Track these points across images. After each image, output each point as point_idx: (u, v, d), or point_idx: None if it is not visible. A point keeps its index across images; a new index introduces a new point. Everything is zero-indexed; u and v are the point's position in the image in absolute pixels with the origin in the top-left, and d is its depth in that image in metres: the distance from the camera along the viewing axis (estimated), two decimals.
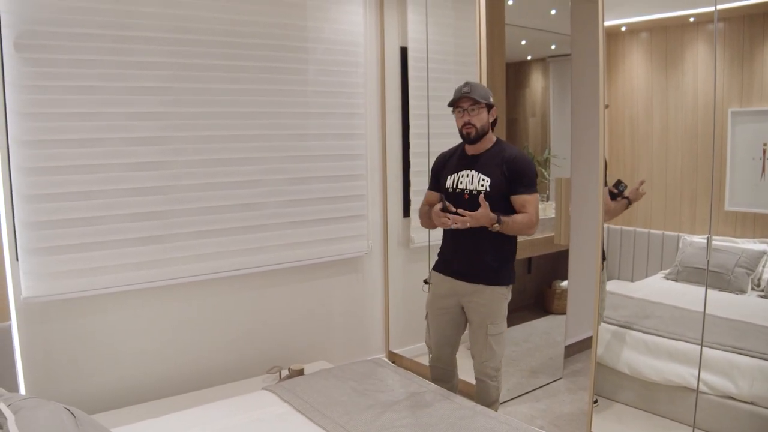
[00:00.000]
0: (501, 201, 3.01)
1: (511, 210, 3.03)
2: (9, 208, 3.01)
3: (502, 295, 3.14)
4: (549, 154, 4.66)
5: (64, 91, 3.12)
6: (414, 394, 2.90)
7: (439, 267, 3.31)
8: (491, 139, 3.14)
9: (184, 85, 3.48)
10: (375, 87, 4.41)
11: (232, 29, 3.63)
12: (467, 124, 3.04)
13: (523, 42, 4.52)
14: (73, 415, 2.20)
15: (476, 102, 3.01)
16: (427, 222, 3.28)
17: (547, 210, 4.61)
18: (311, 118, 4.00)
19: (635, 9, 3.56)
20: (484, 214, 2.88)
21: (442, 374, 3.40)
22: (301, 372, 3.49)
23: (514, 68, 4.42)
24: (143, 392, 3.48)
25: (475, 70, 3.63)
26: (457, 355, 3.43)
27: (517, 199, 3.02)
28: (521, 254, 4.48)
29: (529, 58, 4.71)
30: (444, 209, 2.97)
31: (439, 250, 3.34)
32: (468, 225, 2.90)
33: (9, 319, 2.89)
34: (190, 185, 3.53)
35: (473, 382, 3.34)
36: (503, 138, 3.98)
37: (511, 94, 4.23)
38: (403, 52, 4.44)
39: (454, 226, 2.93)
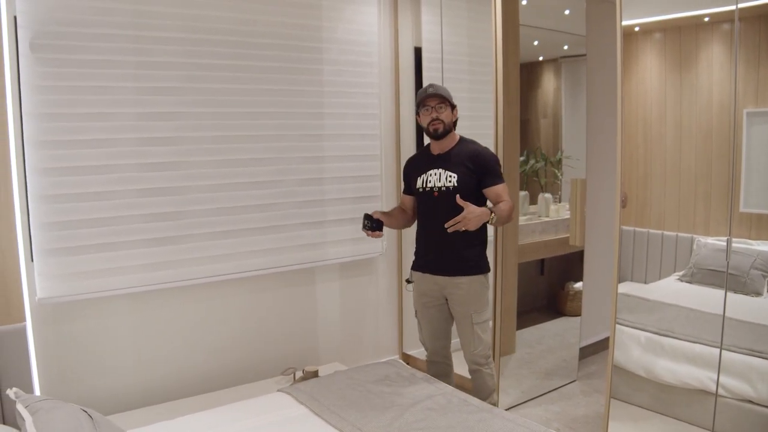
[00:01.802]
0: (469, 196, 3.12)
1: (479, 203, 3.16)
2: (24, 209, 3.01)
3: (481, 283, 3.27)
4: (561, 155, 4.64)
5: (79, 91, 3.12)
6: (430, 396, 2.88)
7: (417, 265, 3.43)
8: (454, 137, 3.31)
9: (198, 85, 3.47)
10: (389, 87, 4.40)
11: (246, 29, 3.62)
12: (435, 120, 3.22)
13: (536, 42, 4.51)
14: (90, 416, 2.20)
15: (442, 99, 3.22)
16: (395, 224, 3.51)
17: (560, 211, 4.61)
18: (325, 119, 3.99)
19: (651, 9, 3.54)
20: (478, 213, 2.99)
21: (440, 369, 3.50)
22: (315, 374, 3.48)
23: (527, 69, 4.40)
24: (157, 393, 3.48)
25: (490, 71, 3.62)
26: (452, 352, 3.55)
27: (491, 191, 3.17)
28: (533, 256, 4.52)
29: (541, 58, 4.71)
30: (368, 226, 3.23)
31: (414, 249, 3.47)
32: (470, 226, 2.99)
33: (24, 320, 2.88)
34: (204, 186, 3.53)
35: (468, 376, 3.44)
36: (517, 140, 3.99)
37: (524, 95, 4.22)
38: (417, 52, 4.43)
39: (459, 228, 3.00)
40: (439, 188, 3.22)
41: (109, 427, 2.21)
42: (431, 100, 3.23)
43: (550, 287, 4.99)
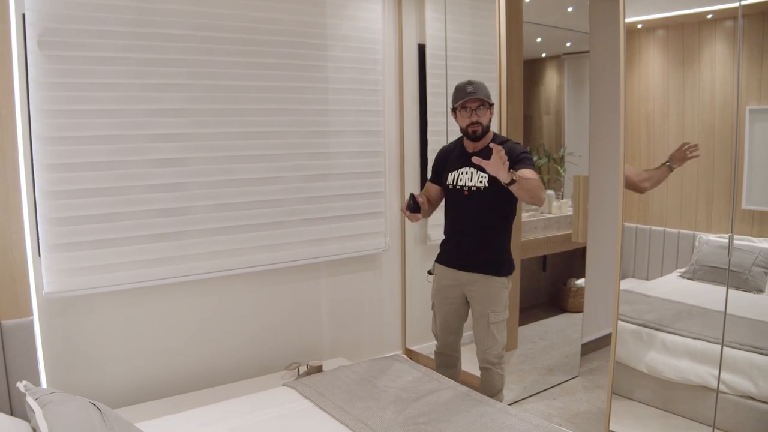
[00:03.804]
0: (499, 195, 3.11)
1: (509, 205, 3.20)
2: (32, 204, 3.04)
3: (503, 284, 3.25)
4: (564, 151, 4.65)
5: (86, 88, 3.14)
6: (434, 391, 2.90)
7: (442, 259, 3.44)
8: (489, 135, 3.26)
9: (204, 81, 3.49)
10: (393, 84, 4.41)
11: (251, 26, 3.63)
12: (475, 123, 3.15)
13: (539, 39, 4.50)
14: (99, 410, 2.22)
15: (483, 102, 3.14)
16: (425, 212, 3.35)
17: (563, 207, 4.62)
18: (330, 115, 4.00)
19: (654, 6, 3.53)
20: (501, 165, 2.73)
21: (447, 360, 3.55)
22: (319, 368, 3.51)
23: (529, 66, 4.41)
24: (163, 388, 3.51)
25: (494, 68, 3.63)
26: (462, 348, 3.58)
27: (518, 174, 2.97)
28: (536, 252, 4.53)
29: (543, 55, 4.71)
30: (412, 207, 3.13)
31: (441, 243, 3.47)
32: (494, 167, 2.76)
33: (31, 314, 2.89)
34: (209, 182, 3.55)
35: (477, 374, 3.46)
36: (520, 137, 4.00)
37: (526, 92, 4.23)
38: (421, 49, 4.43)
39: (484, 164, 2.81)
40: (470, 188, 3.20)
41: (117, 421, 2.23)
42: (472, 101, 3.14)
43: (552, 284, 5.01)
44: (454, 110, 3.24)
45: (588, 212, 4.10)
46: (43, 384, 3.03)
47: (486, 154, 3.05)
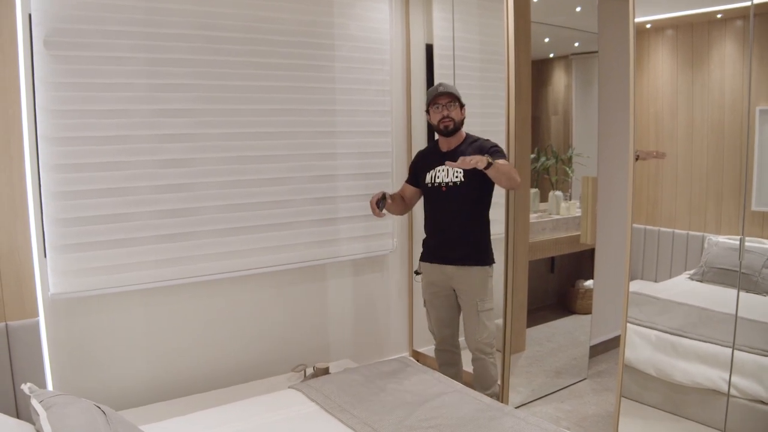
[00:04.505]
0: (475, 190, 3.33)
1: (485, 197, 3.40)
2: (38, 205, 3.03)
3: (487, 273, 3.41)
4: (572, 152, 4.63)
5: (93, 88, 3.13)
6: (441, 393, 2.87)
7: (425, 256, 3.58)
8: (461, 135, 3.46)
9: (211, 82, 3.48)
10: (400, 84, 4.39)
11: (258, 26, 3.62)
12: (446, 117, 3.34)
13: (547, 39, 4.49)
14: (104, 412, 2.21)
15: (452, 98, 3.34)
16: (395, 210, 3.61)
17: (571, 209, 4.59)
18: (337, 115, 3.98)
19: (663, 6, 3.51)
20: (476, 157, 2.98)
21: (448, 357, 3.66)
22: (326, 371, 3.49)
23: (537, 66, 4.38)
24: (169, 389, 3.50)
25: (502, 68, 3.60)
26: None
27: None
28: (544, 254, 4.52)
29: (551, 55, 4.69)
30: (380, 204, 3.33)
31: (423, 242, 3.62)
32: (469, 163, 2.97)
33: (37, 315, 2.89)
34: (215, 182, 3.54)
35: (469, 369, 3.57)
36: (528, 138, 3.98)
37: (534, 92, 4.21)
38: (429, 49, 4.42)
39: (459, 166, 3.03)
40: (447, 183, 3.37)
41: (122, 423, 2.22)
42: (442, 98, 3.34)
43: (560, 285, 4.98)
44: (427, 111, 3.44)
45: (596, 213, 4.07)
46: (49, 385, 3.02)
47: (460, 152, 3.33)
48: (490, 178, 3.14)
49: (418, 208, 3.71)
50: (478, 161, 2.95)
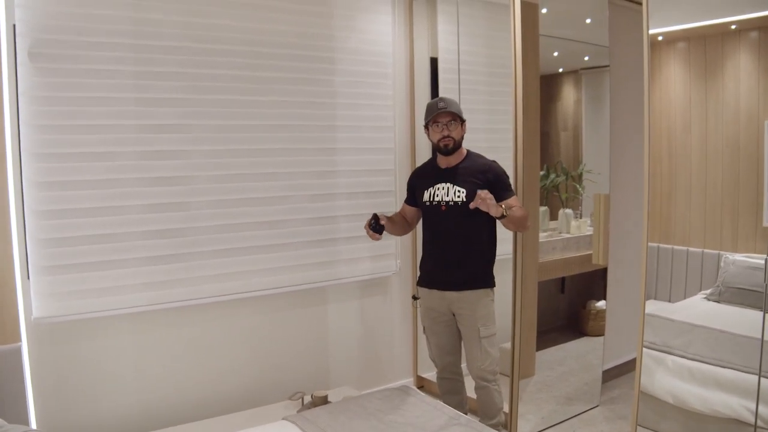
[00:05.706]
0: (477, 210, 3.11)
1: (487, 219, 3.19)
2: (21, 225, 2.95)
3: (488, 297, 3.29)
4: (583, 169, 4.53)
5: (78, 102, 3.07)
6: (445, 426, 2.73)
7: (423, 281, 3.46)
8: (462, 151, 3.35)
9: (204, 96, 3.41)
10: (404, 99, 4.33)
11: (253, 38, 3.56)
12: (446, 137, 3.24)
13: (556, 53, 4.43)
14: None
15: (454, 116, 3.23)
16: (396, 231, 3.52)
17: (581, 227, 4.50)
18: (338, 132, 3.91)
19: (675, 18, 3.49)
20: (494, 204, 3.00)
21: (451, 386, 3.54)
22: (325, 399, 3.38)
23: (546, 81, 4.32)
24: (158, 418, 3.40)
25: (509, 82, 3.51)
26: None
27: (504, 204, 3.14)
28: (554, 274, 4.40)
29: (561, 70, 4.64)
30: (374, 227, 3.25)
31: (420, 265, 3.51)
32: (491, 208, 2.99)
33: (19, 340, 2.85)
34: (208, 201, 3.46)
35: (473, 396, 3.45)
36: (537, 153, 3.87)
37: (543, 108, 4.13)
38: (433, 62, 4.35)
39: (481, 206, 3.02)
40: (447, 202, 3.25)
41: None
42: (442, 116, 3.23)
43: (571, 306, 4.89)
44: (426, 127, 3.34)
45: (609, 232, 3.96)
46: (31, 415, 2.95)
47: (460, 169, 3.28)
48: (501, 224, 3.10)
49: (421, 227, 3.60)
50: (496, 211, 2.98)
